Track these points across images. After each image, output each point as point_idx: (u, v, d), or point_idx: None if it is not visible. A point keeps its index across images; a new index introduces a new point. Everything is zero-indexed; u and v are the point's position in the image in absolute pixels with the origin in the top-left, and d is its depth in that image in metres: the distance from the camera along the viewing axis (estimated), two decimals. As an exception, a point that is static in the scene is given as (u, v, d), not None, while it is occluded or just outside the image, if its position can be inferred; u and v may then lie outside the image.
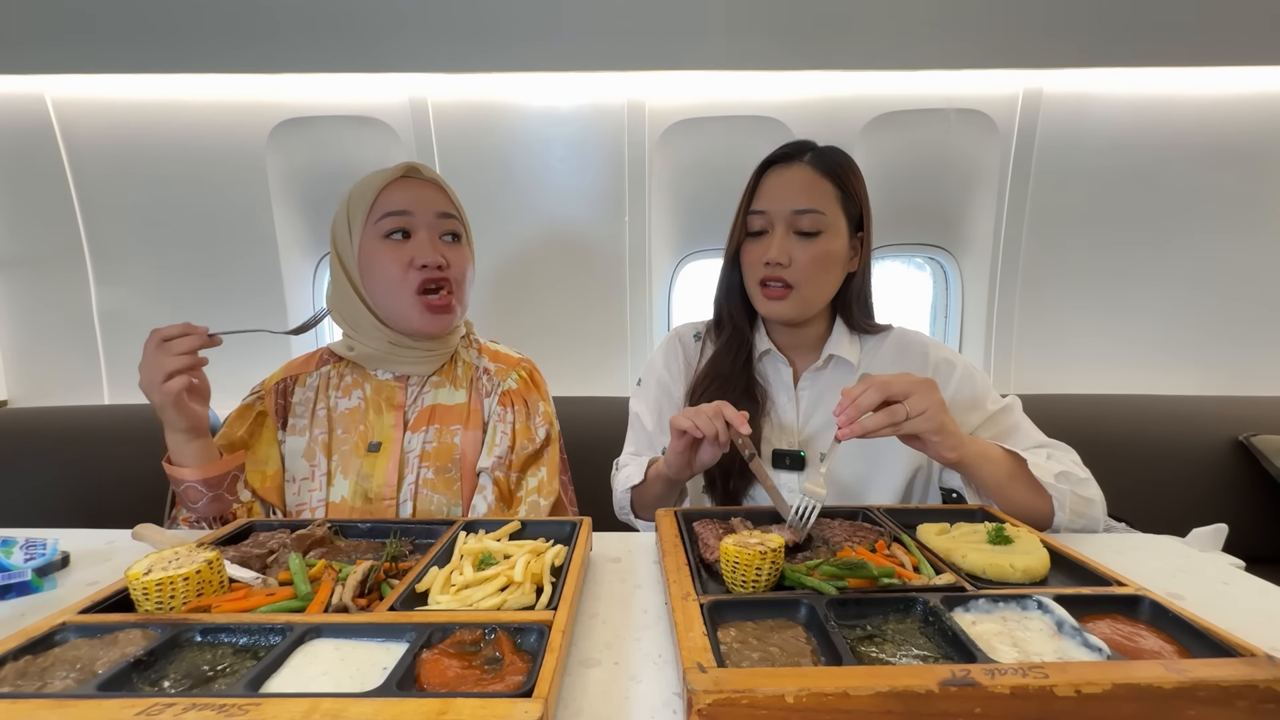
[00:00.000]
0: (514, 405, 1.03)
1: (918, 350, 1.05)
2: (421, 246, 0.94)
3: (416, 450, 0.98)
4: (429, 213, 0.95)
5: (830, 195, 0.96)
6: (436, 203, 0.97)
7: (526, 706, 0.38)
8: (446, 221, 0.97)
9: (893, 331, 1.08)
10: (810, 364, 1.05)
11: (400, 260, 0.94)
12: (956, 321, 2.08)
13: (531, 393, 1.06)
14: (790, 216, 0.95)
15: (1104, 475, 1.48)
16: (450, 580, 0.58)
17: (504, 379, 1.05)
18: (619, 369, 1.97)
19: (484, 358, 1.09)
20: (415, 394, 1.03)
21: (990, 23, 1.58)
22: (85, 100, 1.74)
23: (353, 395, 1.02)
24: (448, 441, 0.99)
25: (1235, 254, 1.88)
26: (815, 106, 1.75)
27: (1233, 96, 1.74)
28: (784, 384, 1.05)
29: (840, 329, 1.05)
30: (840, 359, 1.03)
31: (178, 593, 0.52)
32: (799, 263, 0.95)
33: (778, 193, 0.97)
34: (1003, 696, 0.40)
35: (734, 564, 0.57)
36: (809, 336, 1.06)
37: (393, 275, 0.94)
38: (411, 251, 0.94)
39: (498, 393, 1.04)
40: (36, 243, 1.86)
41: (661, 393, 1.11)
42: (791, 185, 0.97)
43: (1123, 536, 0.88)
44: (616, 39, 1.59)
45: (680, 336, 1.15)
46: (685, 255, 2.04)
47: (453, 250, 0.97)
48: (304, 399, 1.02)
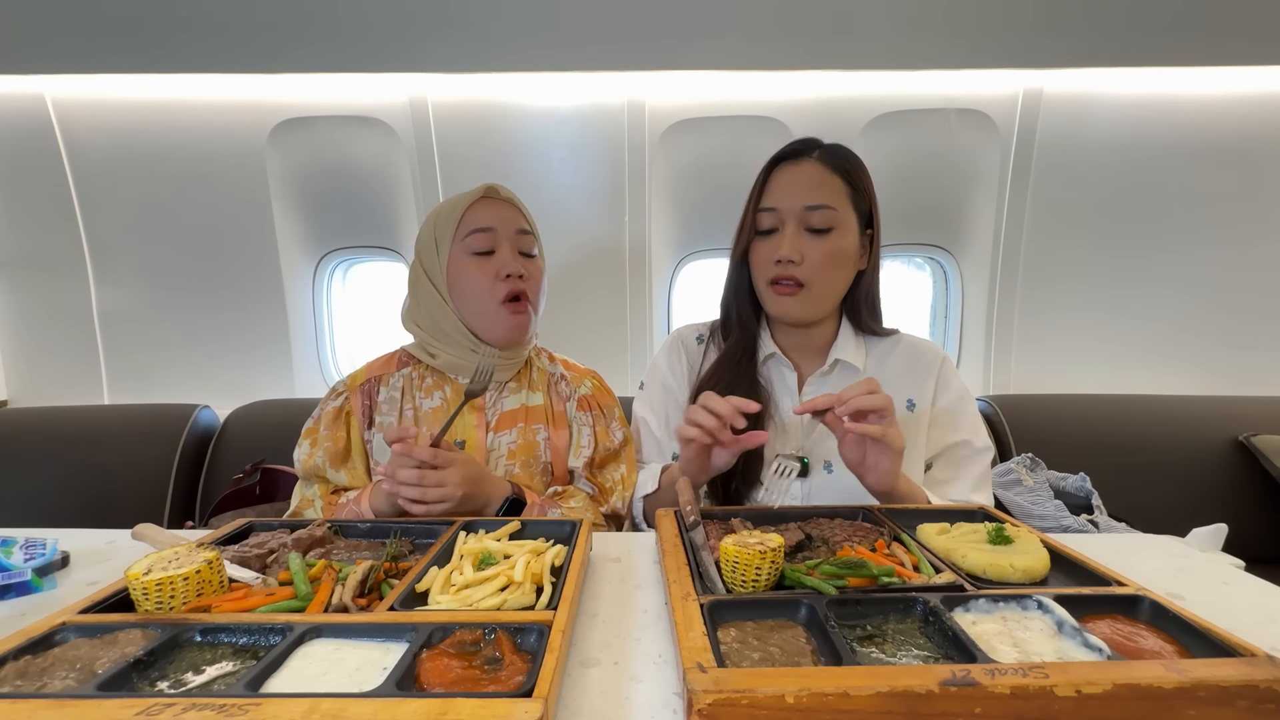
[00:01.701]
0: (592, 410, 1.11)
1: (930, 359, 1.04)
2: (505, 260, 1.02)
3: (502, 450, 1.05)
4: (510, 229, 1.03)
5: (841, 191, 0.95)
6: (515, 220, 1.05)
7: (526, 706, 0.38)
8: (524, 238, 1.05)
9: (901, 338, 1.07)
10: (816, 369, 1.03)
11: (487, 273, 1.01)
12: (956, 321, 2.08)
13: (606, 399, 1.14)
14: (801, 213, 0.94)
15: (1104, 475, 1.49)
16: (450, 580, 0.58)
17: (579, 385, 1.14)
18: (619, 369, 1.97)
19: (557, 365, 1.17)
20: (494, 398, 1.08)
21: (990, 23, 1.58)
22: (85, 100, 1.74)
23: (435, 396, 1.07)
24: (531, 439, 1.07)
25: (1235, 254, 1.88)
26: (815, 106, 1.75)
27: (1233, 96, 1.74)
28: (788, 389, 1.03)
29: (847, 332, 1.04)
30: (846, 364, 1.02)
31: (177, 593, 0.52)
32: (811, 260, 0.94)
33: (788, 189, 0.96)
34: (1003, 696, 0.40)
35: (734, 564, 0.57)
36: (815, 340, 1.04)
37: (481, 286, 1.02)
38: (496, 265, 1.02)
39: (576, 397, 1.12)
40: (36, 243, 1.86)
41: (667, 396, 1.10)
42: (802, 181, 0.95)
43: (1123, 536, 0.88)
44: (616, 39, 1.59)
45: (683, 339, 1.14)
46: (685, 255, 2.04)
47: (530, 263, 1.06)
48: (390, 398, 1.07)
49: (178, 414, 1.70)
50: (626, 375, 1.97)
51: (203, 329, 1.94)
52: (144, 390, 1.94)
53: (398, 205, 1.91)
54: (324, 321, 2.08)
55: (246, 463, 1.45)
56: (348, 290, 2.15)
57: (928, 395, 1.02)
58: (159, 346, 1.95)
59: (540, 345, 1.20)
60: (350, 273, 2.14)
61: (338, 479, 1.03)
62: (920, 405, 1.01)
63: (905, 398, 1.01)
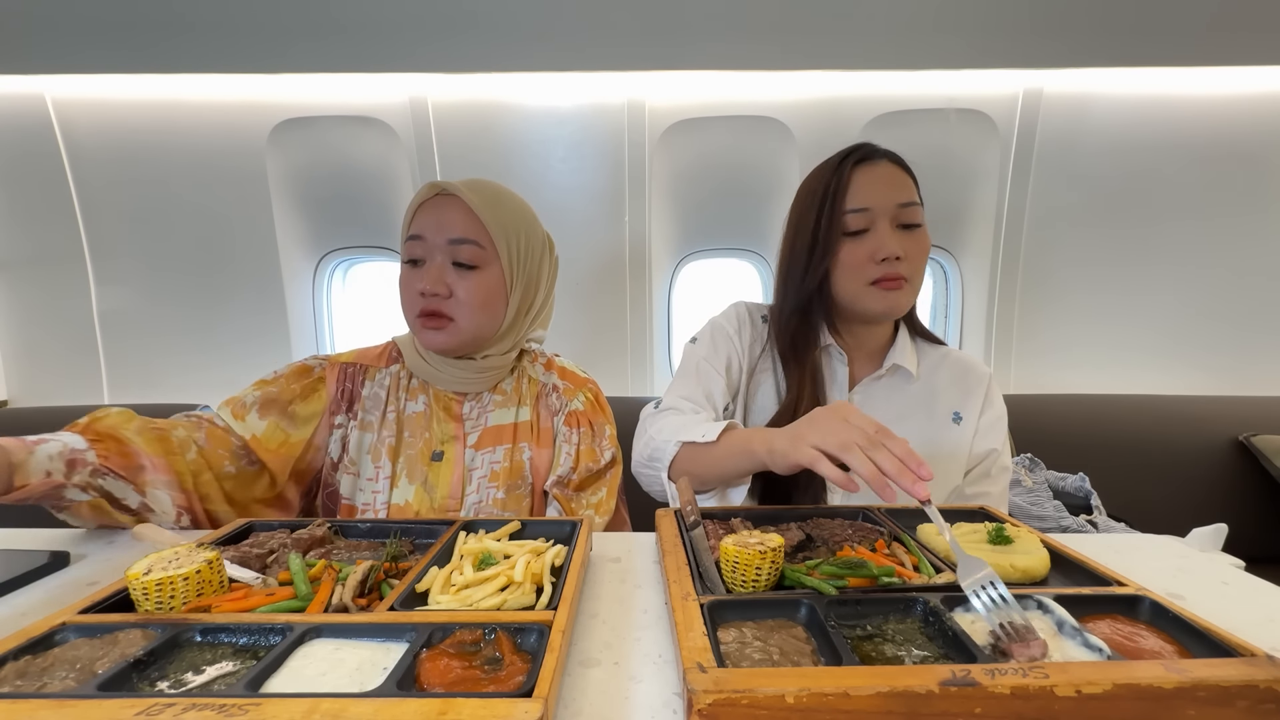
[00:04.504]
0: (580, 426, 1.02)
1: (979, 375, 1.04)
2: (426, 274, 0.94)
3: (485, 469, 0.99)
4: (442, 238, 0.94)
5: (915, 190, 0.97)
6: (455, 227, 0.93)
7: (526, 706, 0.38)
8: (461, 248, 0.94)
9: (950, 351, 1.07)
10: (869, 371, 1.02)
11: (412, 284, 0.95)
12: (956, 321, 2.08)
13: (598, 415, 1.05)
14: (895, 210, 0.94)
15: (1104, 475, 1.49)
16: (450, 580, 0.58)
17: (571, 399, 1.05)
18: (619, 369, 1.97)
19: (553, 374, 1.08)
20: (476, 410, 1.03)
21: (990, 23, 1.58)
22: (85, 100, 1.74)
23: (419, 399, 1.02)
24: (518, 460, 1.00)
25: (1235, 253, 1.88)
26: (815, 106, 1.75)
27: (1233, 96, 1.74)
28: (839, 384, 1.02)
29: (904, 336, 1.03)
30: (901, 368, 1.02)
31: (178, 593, 0.52)
32: (911, 256, 0.94)
33: (878, 188, 0.95)
34: (1003, 696, 0.40)
35: (734, 564, 0.57)
36: (876, 340, 1.04)
37: (406, 297, 0.97)
38: (418, 278, 0.94)
39: (565, 412, 1.03)
40: (36, 243, 1.86)
41: (731, 350, 1.04)
42: (889, 180, 0.95)
43: (1123, 536, 0.88)
44: (616, 39, 1.59)
45: (751, 311, 1.10)
46: (685, 255, 2.04)
47: (464, 277, 0.94)
48: (374, 395, 1.02)
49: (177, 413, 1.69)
50: (626, 376, 1.97)
51: (203, 329, 1.94)
52: (144, 390, 1.94)
53: (398, 205, 1.91)
54: (324, 321, 2.08)
55: (246, 463, 1.45)
56: (348, 290, 2.15)
57: (975, 410, 1.02)
58: (159, 346, 1.95)
59: (539, 350, 1.14)
60: (350, 273, 2.14)
61: (243, 427, 0.93)
62: (967, 419, 1.02)
63: (953, 410, 1.02)
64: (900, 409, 1.01)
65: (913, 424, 1.00)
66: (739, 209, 1.94)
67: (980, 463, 1.01)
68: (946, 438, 1.00)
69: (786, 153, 1.77)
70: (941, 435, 1.00)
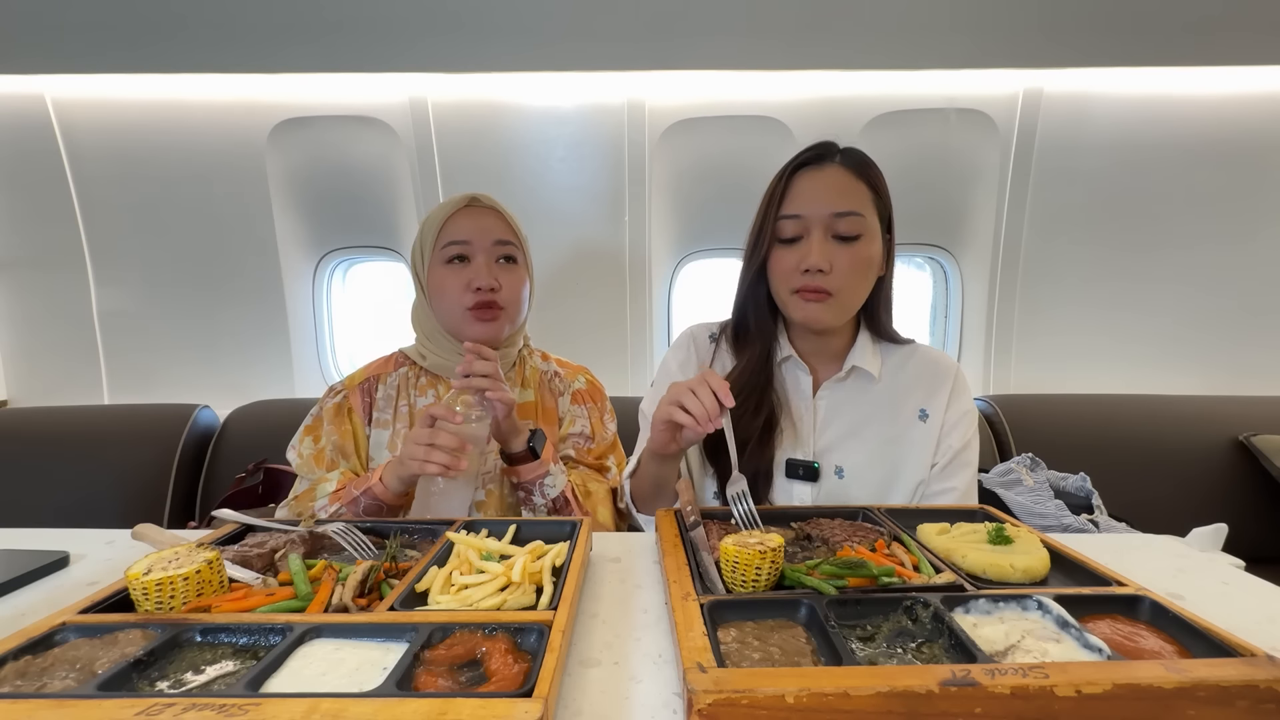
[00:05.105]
0: (586, 402, 1.18)
1: (945, 370, 1.04)
2: (477, 271, 1.05)
3: (493, 446, 1.06)
4: (487, 240, 1.06)
5: (866, 197, 0.94)
6: (494, 230, 1.08)
7: (526, 706, 0.38)
8: (502, 247, 1.08)
9: (917, 348, 1.06)
10: (831, 374, 1.02)
11: (459, 283, 1.05)
12: (956, 321, 2.08)
13: (599, 394, 1.22)
14: (829, 220, 0.92)
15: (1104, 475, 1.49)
16: (450, 580, 0.58)
17: (573, 380, 1.20)
18: (619, 369, 1.97)
19: (551, 363, 1.22)
20: None
21: (990, 23, 1.58)
22: (85, 100, 1.74)
23: (428, 394, 1.12)
24: None
25: (1235, 253, 1.88)
26: (815, 106, 1.75)
27: (1233, 96, 1.74)
28: (802, 393, 1.02)
29: (864, 338, 1.03)
30: (862, 370, 1.01)
31: (178, 593, 0.52)
32: (840, 268, 0.92)
33: (813, 195, 0.93)
34: (1003, 696, 0.40)
35: (734, 564, 0.57)
36: (833, 345, 1.03)
37: (453, 295, 1.06)
38: (469, 275, 1.05)
39: (570, 392, 1.19)
40: (36, 243, 1.86)
41: None
42: (828, 187, 0.93)
43: (1123, 536, 0.88)
44: (617, 39, 1.59)
45: (695, 336, 1.12)
46: (685, 255, 2.04)
47: (508, 271, 1.08)
48: (387, 395, 1.12)
49: (178, 414, 1.70)
50: (626, 376, 1.97)
51: (203, 329, 1.94)
52: (144, 390, 1.94)
53: (398, 205, 1.91)
54: (324, 321, 2.08)
55: (247, 462, 1.45)
56: (347, 290, 2.15)
57: (941, 405, 1.02)
58: (159, 346, 1.95)
59: (534, 346, 1.23)
60: (350, 273, 2.14)
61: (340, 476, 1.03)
62: (933, 415, 1.01)
63: (919, 407, 1.01)
64: (865, 411, 1.01)
65: (876, 425, 1.00)
66: (739, 209, 1.91)
67: (947, 458, 1.00)
68: (911, 436, 1.00)
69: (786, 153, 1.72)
70: (906, 434, 1.00)
